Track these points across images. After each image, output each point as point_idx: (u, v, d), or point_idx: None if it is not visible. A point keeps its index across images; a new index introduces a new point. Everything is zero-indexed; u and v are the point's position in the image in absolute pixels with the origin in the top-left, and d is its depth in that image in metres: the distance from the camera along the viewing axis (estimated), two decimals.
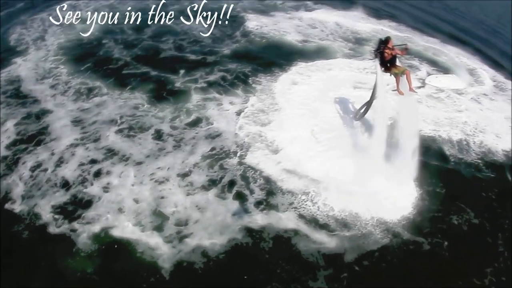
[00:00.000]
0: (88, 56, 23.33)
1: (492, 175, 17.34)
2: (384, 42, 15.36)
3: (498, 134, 20.34)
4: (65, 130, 17.09)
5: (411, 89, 15.76)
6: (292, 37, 28.38)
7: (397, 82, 15.75)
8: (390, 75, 15.78)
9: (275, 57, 25.02)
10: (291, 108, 19.63)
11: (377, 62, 15.90)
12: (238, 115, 18.70)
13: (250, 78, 21.98)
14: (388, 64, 15.50)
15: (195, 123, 18.04)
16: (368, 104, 17.58)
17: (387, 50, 15.21)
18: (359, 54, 26.85)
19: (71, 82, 20.56)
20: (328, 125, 18.75)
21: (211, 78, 21.74)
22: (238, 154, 16.26)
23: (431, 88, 23.38)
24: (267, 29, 29.37)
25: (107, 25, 27.64)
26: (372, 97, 17.09)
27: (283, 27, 30.12)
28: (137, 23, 28.62)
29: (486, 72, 27.66)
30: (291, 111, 19.35)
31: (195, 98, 19.83)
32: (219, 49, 25.35)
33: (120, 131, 17.31)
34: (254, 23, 30.22)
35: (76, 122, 17.68)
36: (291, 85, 21.76)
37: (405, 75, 15.65)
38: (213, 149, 16.56)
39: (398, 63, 15.80)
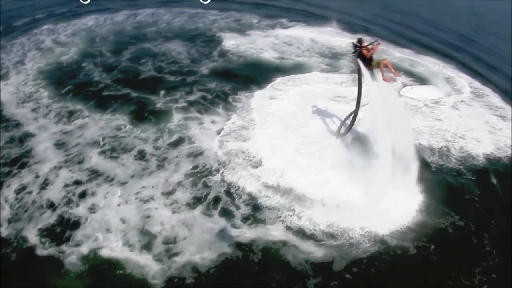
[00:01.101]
0: (68, 80, 23.51)
1: (474, 179, 18.04)
2: (359, 43, 16.27)
3: (478, 139, 21.21)
4: (48, 153, 17.18)
5: (395, 74, 17.09)
6: (269, 55, 29.14)
7: (382, 72, 16.55)
8: (373, 70, 16.53)
9: (253, 74, 25.64)
10: (271, 123, 20.17)
11: (359, 73, 16.92)
12: (219, 133, 19.07)
13: (229, 96, 22.49)
14: (368, 61, 16.34)
15: (178, 142, 18.30)
16: (353, 117, 18.24)
17: (364, 50, 16.11)
18: (336, 68, 27.78)
19: (52, 105, 20.65)
20: (310, 139, 19.29)
21: (191, 97, 22.15)
22: (221, 172, 16.54)
23: (408, 99, 24.16)
24: (244, 47, 30.08)
25: (86, 48, 27.93)
26: (357, 108, 17.86)
27: (259, 45, 30.92)
28: (115, 45, 28.92)
29: (463, 80, 28.91)
30: (271, 127, 19.88)
31: (177, 117, 20.16)
32: (198, 69, 25.83)
33: (103, 152, 17.47)
34: (231, 42, 30.90)
35: (59, 144, 17.78)
36: (270, 101, 22.36)
37: (386, 64, 16.53)
38: (195, 167, 16.81)
39: (368, 53, 16.42)
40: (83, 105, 20.84)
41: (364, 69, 16.39)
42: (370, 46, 16.20)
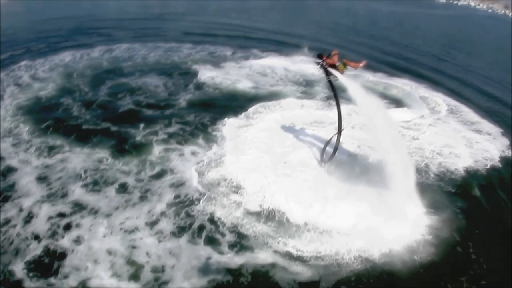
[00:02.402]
0: (47, 115, 23.74)
1: (454, 191, 19.12)
2: (321, 57, 17.69)
3: (456, 154, 22.52)
4: (31, 187, 17.33)
5: (362, 65, 18.12)
6: (244, 85, 30.21)
7: (351, 65, 17.90)
8: (342, 73, 17.66)
9: (230, 104, 26.49)
10: (251, 151, 20.83)
11: (333, 87, 18.63)
12: (199, 163, 19.53)
13: (208, 127, 23.17)
14: (334, 68, 17.60)
15: (160, 174, 18.66)
16: (337, 140, 19.28)
17: (328, 60, 17.51)
18: (311, 95, 28.97)
19: (33, 140, 20.85)
20: (289, 164, 19.97)
21: (171, 129, 22.69)
22: (203, 201, 16.93)
23: None
24: (219, 79, 31.08)
25: (64, 83, 28.29)
26: (339, 129, 18.95)
27: (234, 76, 32.03)
28: (93, 80, 29.36)
29: (437, 98, 30.62)
30: (251, 154, 20.52)
31: (157, 149, 20.61)
32: (175, 102, 26.48)
33: (85, 185, 17.70)
34: (207, 74, 31.87)
35: (42, 178, 17.95)
36: (248, 129, 23.13)
37: (347, 64, 17.88)
38: (177, 197, 17.19)
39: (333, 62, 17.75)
40: (64, 140, 21.08)
41: (339, 74, 17.54)
42: (331, 54, 17.58)
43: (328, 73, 17.90)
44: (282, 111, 25.88)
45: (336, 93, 19.05)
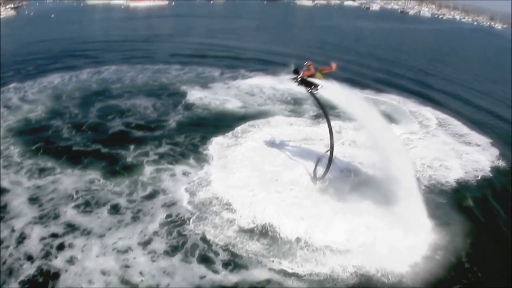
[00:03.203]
0: (37, 137, 23.89)
1: (445, 202, 19.66)
2: (297, 71, 18.39)
3: (447, 166, 23.13)
4: (23, 208, 17.43)
5: (335, 66, 18.41)
6: (232, 105, 30.72)
7: (328, 70, 18.39)
8: (321, 78, 18.25)
9: (219, 124, 26.85)
10: (241, 169, 21.20)
11: (316, 99, 19.13)
12: (191, 183, 19.76)
13: (198, 147, 23.48)
14: (312, 77, 18.21)
15: (152, 195, 18.85)
16: (330, 156, 19.55)
17: (306, 73, 18.21)
18: (299, 113, 29.61)
19: (24, 162, 20.95)
20: (281, 181, 20.29)
21: (161, 150, 22.95)
22: (195, 220, 17.14)
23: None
24: (208, 99, 31.52)
25: (53, 105, 28.45)
26: (331, 146, 19.28)
27: (223, 96, 32.53)
28: (82, 102, 29.56)
29: (426, 112, 31.32)
30: (242, 172, 20.88)
31: (148, 170, 20.81)
32: (165, 123, 26.76)
33: (77, 206, 17.80)
34: (195, 95, 32.34)
35: (33, 199, 18.05)
36: (237, 147, 23.55)
37: (323, 71, 18.41)
38: (169, 216, 17.38)
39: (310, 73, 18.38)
40: (54, 162, 21.18)
41: (321, 81, 18.15)
42: (306, 66, 18.24)
43: (308, 85, 18.39)
44: (271, 129, 26.40)
45: (324, 109, 19.59)
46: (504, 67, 74.04)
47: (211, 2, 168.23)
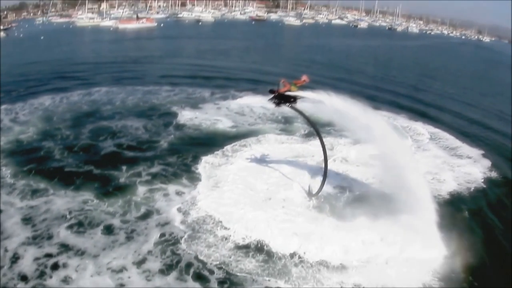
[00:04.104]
0: (29, 158, 23.96)
1: (441, 215, 19.15)
2: (273, 91, 18.93)
3: (440, 179, 23.59)
4: (16, 228, 17.44)
5: (306, 78, 19.12)
6: (223, 125, 31.11)
7: (301, 83, 18.99)
8: (297, 90, 18.81)
9: (210, 144, 27.07)
10: (234, 187, 21.37)
11: (302, 114, 19.75)
12: (184, 202, 19.92)
13: (190, 166, 23.69)
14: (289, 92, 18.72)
15: (145, 214, 18.94)
16: (324, 173, 19.95)
17: (282, 90, 18.68)
18: (290, 131, 30.13)
19: (16, 183, 20.99)
20: (274, 199, 20.48)
21: (154, 170, 23.12)
22: (189, 239, 17.23)
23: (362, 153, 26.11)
24: (199, 120, 31.90)
25: (45, 127, 28.59)
26: (325, 161, 19.66)
27: (213, 116, 32.90)
28: (73, 123, 29.73)
29: (418, 126, 32.12)
30: (235, 190, 21.06)
31: (141, 190, 20.94)
32: (157, 144, 26.98)
33: (71, 227, 17.83)
34: (186, 116, 32.72)
35: (26, 219, 18.07)
36: (229, 166, 23.79)
37: (297, 84, 18.96)
38: (163, 235, 17.46)
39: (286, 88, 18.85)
40: (47, 183, 21.21)
41: (300, 93, 18.70)
42: (280, 84, 18.69)
43: (287, 100, 18.91)
44: (262, 147, 26.75)
45: (315, 126, 20.21)
46: (492, 79, 75.93)
47: (200, 23, 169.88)
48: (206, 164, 23.87)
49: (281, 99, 18.93)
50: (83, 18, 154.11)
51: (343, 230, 17.70)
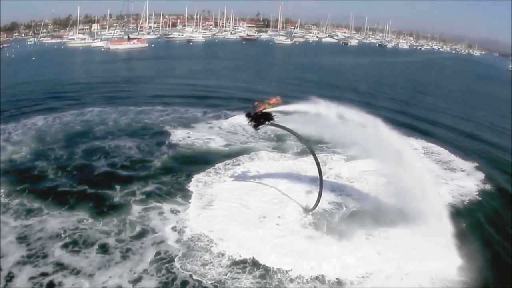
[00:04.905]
0: (23, 178, 24.00)
1: None
2: (249, 115, 19.42)
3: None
4: (11, 247, 17.44)
5: (277, 101, 19.37)
6: (216, 144, 31.30)
7: (275, 103, 19.23)
8: (271, 107, 19.15)
9: (203, 162, 27.21)
10: (229, 204, 21.57)
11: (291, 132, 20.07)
12: (179, 221, 20.02)
13: (184, 185, 23.82)
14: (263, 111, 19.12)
15: (140, 233, 18.98)
16: (320, 188, 20.14)
17: (257, 110, 19.11)
18: (283, 149, 30.41)
19: (10, 203, 21.02)
20: (271, 215, 20.69)
21: (148, 189, 23.20)
22: (185, 256, 17.29)
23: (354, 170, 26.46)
24: (191, 139, 32.08)
25: (38, 147, 28.66)
26: (320, 177, 19.84)
27: (206, 136, 33.04)
28: (67, 143, 29.81)
29: (411, 141, 32.37)
30: (230, 207, 21.26)
31: (136, 209, 21.00)
32: (150, 163, 27.08)
33: (65, 245, 17.82)
34: (179, 135, 32.91)
35: (21, 238, 18.09)
36: (224, 184, 23.98)
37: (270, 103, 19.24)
38: (158, 254, 17.51)
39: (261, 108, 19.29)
40: (41, 202, 21.22)
41: (278, 108, 19.09)
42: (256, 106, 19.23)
43: (265, 118, 19.25)
44: (255, 165, 27.01)
45: (308, 143, 20.63)
46: (483, 92, 77.16)
47: (191, 43, 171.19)
48: (199, 183, 23.99)
49: (259, 119, 19.24)
50: (75, 39, 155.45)
51: (340, 246, 17.90)
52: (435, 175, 25.87)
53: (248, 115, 19.36)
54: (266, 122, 19.36)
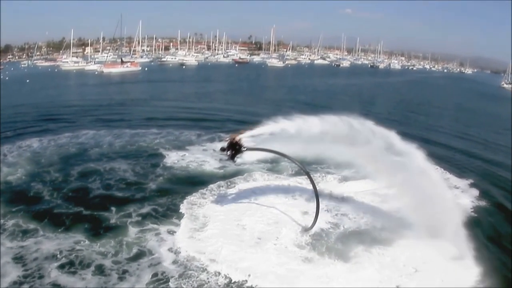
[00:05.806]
0: (18, 199, 23.99)
1: None
2: (223, 149, 20.64)
3: None
4: (7, 268, 17.42)
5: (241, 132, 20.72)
6: (211, 166, 31.47)
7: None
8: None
9: (198, 184, 27.41)
10: (226, 225, 21.67)
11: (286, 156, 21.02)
12: (176, 241, 20.09)
13: (180, 206, 23.87)
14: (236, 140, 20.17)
15: (137, 255, 18.98)
16: (317, 209, 20.35)
17: (230, 141, 20.24)
18: (278, 171, 30.72)
19: (5, 224, 21.00)
20: (269, 235, 20.79)
21: (144, 211, 23.22)
22: (182, 277, 17.29)
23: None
24: (186, 161, 32.25)
25: (33, 169, 28.72)
26: (316, 196, 20.27)
27: (200, 158, 33.21)
28: (62, 166, 29.90)
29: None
30: (225, 228, 21.32)
31: (133, 231, 21.03)
32: (146, 185, 27.17)
33: (62, 266, 17.82)
34: (173, 157, 33.05)
35: (17, 259, 18.06)
36: (219, 205, 24.10)
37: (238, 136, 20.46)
38: (155, 275, 17.49)
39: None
40: (36, 223, 21.21)
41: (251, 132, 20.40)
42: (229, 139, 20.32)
43: (239, 147, 20.26)
44: (250, 186, 27.31)
45: (302, 165, 21.28)
46: (475, 109, 78.06)
47: (183, 67, 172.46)
48: (194, 204, 24.12)
49: (235, 146, 20.25)
50: (68, 62, 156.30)
51: (338, 266, 17.98)
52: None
53: (222, 149, 20.32)
54: (242, 149, 20.12)
